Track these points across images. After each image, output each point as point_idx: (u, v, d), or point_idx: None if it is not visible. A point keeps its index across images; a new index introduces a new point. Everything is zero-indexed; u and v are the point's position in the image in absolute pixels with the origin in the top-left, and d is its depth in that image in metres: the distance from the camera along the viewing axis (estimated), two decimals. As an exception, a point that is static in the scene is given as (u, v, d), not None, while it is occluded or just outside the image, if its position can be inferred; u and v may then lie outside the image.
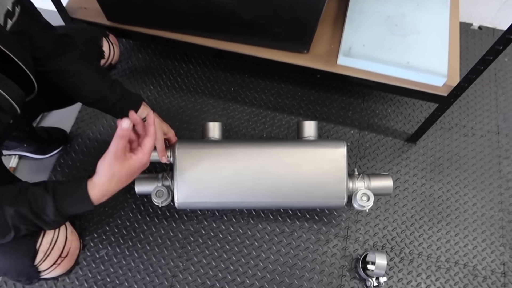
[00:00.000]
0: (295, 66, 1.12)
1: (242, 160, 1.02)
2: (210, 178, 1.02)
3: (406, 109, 1.42)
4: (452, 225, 1.24)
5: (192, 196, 1.02)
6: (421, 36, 1.14)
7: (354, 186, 1.07)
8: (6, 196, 0.70)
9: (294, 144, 1.06)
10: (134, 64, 1.45)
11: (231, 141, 1.08)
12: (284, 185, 1.03)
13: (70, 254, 0.91)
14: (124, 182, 0.78)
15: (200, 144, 1.05)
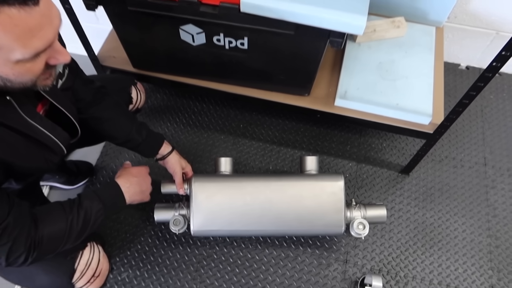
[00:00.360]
0: (297, 107, 1.27)
1: (251, 192, 1.16)
2: (223, 208, 1.16)
3: (400, 143, 1.56)
4: (444, 250, 1.35)
5: (206, 225, 1.16)
6: (409, 80, 1.29)
7: (351, 215, 1.19)
8: (66, 207, 0.86)
9: (297, 177, 1.19)
10: (153, 103, 1.61)
11: (241, 175, 1.22)
12: (288, 215, 1.17)
13: (102, 274, 1.04)
14: (137, 186, 1.01)
15: (213, 178, 1.19)
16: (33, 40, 0.60)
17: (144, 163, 1.46)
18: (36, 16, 0.59)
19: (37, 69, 0.66)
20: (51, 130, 0.83)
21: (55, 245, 0.83)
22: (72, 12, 1.14)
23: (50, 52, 0.66)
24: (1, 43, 0.58)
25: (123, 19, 1.12)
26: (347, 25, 0.95)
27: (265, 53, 1.14)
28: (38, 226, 0.80)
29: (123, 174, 1.03)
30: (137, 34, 1.17)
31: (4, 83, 0.64)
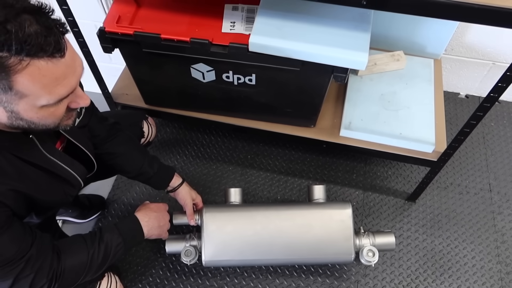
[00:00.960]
0: (303, 138, 1.32)
1: (260, 222, 1.19)
2: (234, 238, 1.18)
3: (405, 171, 1.59)
4: (454, 278, 1.35)
5: (217, 255, 1.18)
6: (411, 110, 1.33)
7: (360, 243, 1.21)
8: (87, 240, 0.89)
9: (305, 206, 1.22)
10: (163, 137, 1.66)
11: (251, 205, 1.25)
12: (298, 244, 1.19)
13: None
14: (156, 221, 1.05)
15: (224, 208, 1.22)
16: (58, 88, 0.65)
17: (155, 195, 1.50)
18: (62, 67, 0.64)
19: (59, 113, 0.71)
20: (70, 164, 0.88)
21: (76, 277, 0.86)
22: (89, 54, 1.21)
23: (72, 97, 0.71)
24: (29, 91, 0.63)
25: (137, 60, 1.19)
26: (350, 62, 1.01)
27: (272, 88, 1.19)
28: (61, 257, 0.83)
29: (142, 209, 1.07)
30: (150, 73, 1.23)
31: (29, 125, 0.69)
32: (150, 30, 1.06)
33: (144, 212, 1.03)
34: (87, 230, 1.42)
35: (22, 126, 0.69)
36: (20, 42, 0.58)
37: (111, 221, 1.45)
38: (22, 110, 0.65)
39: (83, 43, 1.17)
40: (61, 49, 0.63)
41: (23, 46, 0.58)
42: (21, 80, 0.61)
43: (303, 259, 1.24)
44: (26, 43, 0.58)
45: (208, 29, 1.07)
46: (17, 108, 0.65)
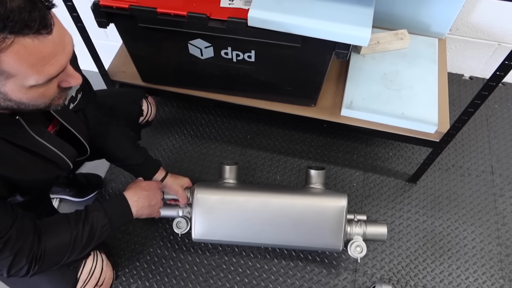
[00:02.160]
0: (304, 117, 1.29)
1: (252, 208, 1.17)
2: (223, 222, 1.18)
3: (406, 152, 1.57)
4: (454, 259, 1.34)
5: (207, 235, 1.19)
6: (414, 90, 1.31)
7: (351, 231, 1.20)
8: (71, 221, 0.86)
9: (300, 195, 1.19)
10: (162, 116, 1.64)
11: (243, 189, 1.21)
12: (288, 232, 1.18)
13: (105, 283, 1.05)
14: (146, 200, 1.00)
15: (215, 190, 1.19)
16: (46, 67, 0.62)
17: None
18: (49, 44, 0.61)
19: (50, 93, 0.68)
20: (59, 147, 0.85)
21: (58, 259, 0.84)
22: (84, 30, 1.18)
23: (63, 76, 0.68)
24: (15, 71, 0.60)
25: (133, 35, 1.16)
26: (352, 37, 0.98)
27: (272, 65, 1.16)
28: (41, 239, 0.80)
29: (132, 187, 1.03)
30: (146, 49, 1.20)
31: (18, 106, 0.67)
32: (146, 4, 1.02)
33: (133, 191, 1.00)
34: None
35: (11, 107, 0.67)
36: (2, 18, 0.54)
37: (109, 200, 1.44)
38: (10, 91, 0.63)
39: (77, 18, 1.14)
40: (48, 25, 0.59)
41: (6, 22, 0.55)
42: (6, 60, 0.58)
43: (292, 246, 1.26)
44: (9, 20, 0.55)
45: (206, 3, 1.04)
46: (5, 89, 0.62)
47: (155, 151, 1.56)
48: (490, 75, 0.99)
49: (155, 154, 1.55)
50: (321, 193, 1.21)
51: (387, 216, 1.42)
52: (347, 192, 1.46)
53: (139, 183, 1.06)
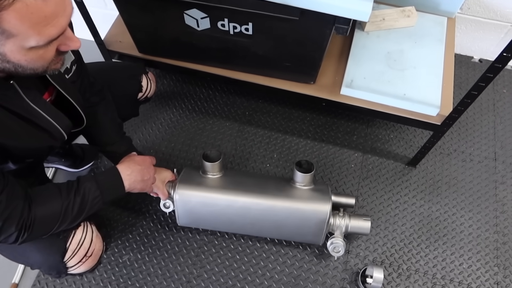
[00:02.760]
0: (302, 95, 1.26)
1: (234, 212, 1.17)
2: (206, 220, 1.23)
3: (408, 135, 1.53)
4: (449, 245, 1.33)
5: (191, 224, 1.26)
6: (418, 70, 1.26)
7: (334, 223, 1.20)
8: (63, 191, 0.86)
9: (282, 199, 1.16)
10: (160, 89, 1.62)
11: (226, 190, 1.18)
12: (270, 231, 1.24)
13: (94, 254, 1.05)
14: (139, 174, 0.99)
15: (197, 191, 1.17)
16: (47, 28, 0.61)
17: (149, 147, 1.48)
18: (51, 5, 0.60)
19: (49, 55, 0.67)
20: (54, 116, 0.84)
21: (48, 228, 0.83)
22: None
23: (62, 39, 0.67)
24: (16, 30, 0.58)
25: (128, 3, 1.12)
26: (352, 11, 0.93)
27: (269, 39, 1.12)
28: (32, 208, 0.80)
29: (126, 160, 1.02)
30: (142, 19, 1.17)
31: (16, 68, 0.66)
32: (140, -30, 0.99)
33: (127, 165, 0.98)
34: (79, 179, 1.42)
35: (8, 69, 0.65)
36: None
37: (104, 172, 1.44)
38: (9, 52, 0.62)
39: (72, -17, 1.10)
40: None
41: None
42: (7, 18, 0.56)
43: (274, 237, 1.30)
44: None
45: (202, -29, 1.00)
46: (4, 49, 0.61)
47: (152, 125, 1.54)
48: (499, 57, 0.94)
49: (151, 127, 1.53)
50: (305, 197, 1.17)
51: (383, 199, 1.40)
52: (344, 173, 1.44)
53: (133, 157, 1.05)
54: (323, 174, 1.44)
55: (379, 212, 1.37)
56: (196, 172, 1.20)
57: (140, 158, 1.05)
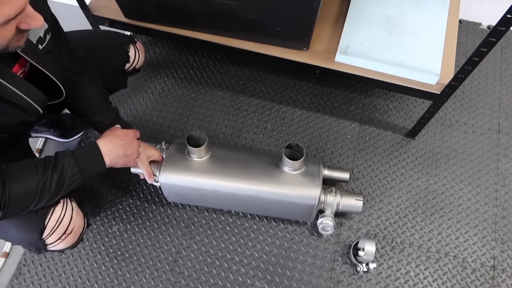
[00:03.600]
0: (295, 62, 1.20)
1: (221, 196, 1.15)
2: (194, 201, 1.24)
3: (408, 105, 1.47)
4: (445, 218, 1.29)
5: (180, 201, 1.27)
6: (418, 36, 1.19)
7: (326, 201, 1.17)
8: (39, 168, 0.82)
9: (271, 185, 1.12)
10: (151, 57, 1.56)
11: (212, 174, 1.14)
12: (259, 212, 1.25)
13: (74, 232, 1.03)
14: (121, 149, 0.94)
15: (182, 175, 1.13)
16: (3, 7, 0.59)
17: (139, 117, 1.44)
18: None
19: (7, 35, 0.64)
20: (24, 90, 0.79)
21: (24, 206, 0.81)
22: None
23: (22, 17, 0.64)
24: None
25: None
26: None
27: (257, 2, 1.06)
28: (6, 186, 0.77)
29: (107, 135, 0.96)
30: (126, -20, 1.11)
31: None
32: None
33: (108, 140, 0.94)
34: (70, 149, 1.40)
35: None
36: None
37: (94, 142, 1.41)
38: None
39: None
40: None
41: None
42: None
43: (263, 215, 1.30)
44: None
45: None
46: None
47: (143, 94, 1.50)
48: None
49: (142, 97, 1.49)
50: (294, 183, 1.12)
51: (379, 171, 1.36)
52: (340, 144, 1.40)
53: (115, 131, 0.99)
54: (318, 145, 1.40)
55: (374, 184, 1.34)
56: (183, 152, 1.16)
57: (122, 132, 0.99)
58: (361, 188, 1.33)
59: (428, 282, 1.20)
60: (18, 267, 1.22)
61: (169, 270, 1.21)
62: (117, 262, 1.22)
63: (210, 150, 1.16)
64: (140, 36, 1.60)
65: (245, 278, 1.20)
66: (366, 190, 1.32)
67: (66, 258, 1.23)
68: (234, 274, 1.20)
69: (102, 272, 1.21)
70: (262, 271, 1.21)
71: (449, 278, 1.20)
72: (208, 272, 1.21)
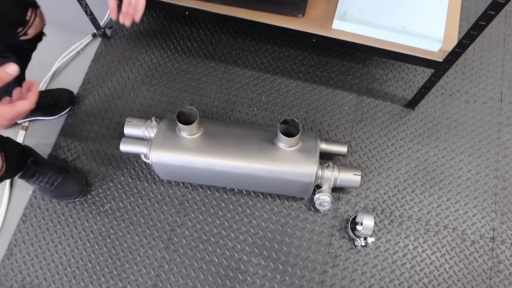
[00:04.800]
0: (290, 30, 1.13)
1: (215, 174, 1.12)
2: (186, 178, 1.21)
3: (408, 74, 1.42)
4: (445, 190, 1.26)
5: (173, 179, 1.24)
6: (420, 0, 1.12)
7: (323, 176, 1.14)
8: None
9: (266, 163, 1.08)
10: (139, 26, 1.48)
11: (203, 153, 1.09)
12: (255, 188, 1.22)
13: None
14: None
15: (173, 153, 1.09)
16: None
17: (128, 91, 1.38)
18: None
19: None
20: None
21: None
22: None
23: None
24: None
25: None
26: None
27: (250, -36, 0.98)
28: None
29: None
30: None
31: None
32: None
33: None
34: (57, 126, 1.35)
35: None
36: None
37: (83, 117, 1.35)
38: None
39: None
40: None
41: None
42: None
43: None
44: None
45: None
46: None
47: (131, 66, 1.43)
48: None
49: (131, 69, 1.42)
50: (290, 160, 1.08)
51: (378, 143, 1.31)
52: (337, 116, 1.35)
53: None
54: (314, 118, 1.35)
55: (372, 157, 1.30)
56: (174, 129, 1.11)
57: None
58: (359, 161, 1.29)
59: (427, 255, 1.18)
60: (9, 248, 1.19)
61: (164, 248, 1.19)
62: (110, 241, 1.19)
63: (202, 126, 1.11)
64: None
65: (241, 255, 1.18)
66: (364, 163, 1.29)
67: (57, 237, 1.20)
68: (230, 251, 1.18)
69: (95, 251, 1.18)
70: (258, 247, 1.19)
71: (448, 250, 1.19)
72: (203, 249, 1.18)
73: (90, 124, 1.34)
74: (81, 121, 1.35)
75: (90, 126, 1.34)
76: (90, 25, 1.40)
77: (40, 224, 1.21)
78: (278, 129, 1.05)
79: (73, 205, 1.24)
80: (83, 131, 1.33)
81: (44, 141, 1.32)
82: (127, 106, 1.36)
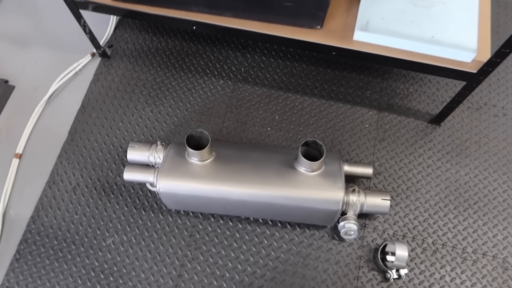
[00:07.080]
0: (307, 43, 1.04)
1: (229, 203, 1.02)
2: (197, 208, 1.10)
3: (430, 88, 1.32)
4: (480, 214, 1.15)
5: (182, 209, 1.13)
6: (448, 7, 1.03)
7: (348, 202, 1.03)
8: None
9: (287, 191, 0.98)
10: (141, 45, 1.39)
11: (218, 181, 0.99)
12: (274, 217, 1.10)
13: None
14: None
15: (183, 179, 1.00)
16: None
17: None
18: None
19: None
20: None
21: None
22: None
23: None
24: None
25: None
26: None
27: (265, -29, 0.90)
28: None
29: None
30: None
31: None
32: None
33: None
34: (53, 154, 1.23)
35: None
36: None
37: (82, 143, 1.25)
38: None
39: None
40: None
41: None
42: None
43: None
44: None
45: None
46: None
47: (134, 87, 1.33)
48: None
49: (133, 89, 1.33)
50: (313, 187, 0.98)
51: (403, 163, 1.21)
52: (357, 135, 1.25)
53: None
54: (333, 137, 1.25)
55: (399, 178, 1.19)
56: (182, 155, 1.01)
57: None
58: (384, 184, 1.18)
59: (466, 287, 1.06)
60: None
61: (174, 286, 1.07)
62: (113, 280, 1.07)
63: (214, 150, 1.01)
64: (128, 23, 1.43)
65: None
66: (390, 185, 1.18)
67: (55, 277, 1.07)
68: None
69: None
70: (278, 283, 1.07)
71: (489, 281, 1.07)
72: (218, 287, 1.06)
73: (91, 150, 1.24)
74: (80, 148, 1.24)
75: (90, 152, 1.23)
76: (89, 44, 1.31)
77: (35, 262, 1.09)
78: (299, 152, 0.95)
79: (72, 240, 1.12)
80: (82, 158, 1.22)
81: (39, 170, 1.21)
82: (130, 130, 1.26)
